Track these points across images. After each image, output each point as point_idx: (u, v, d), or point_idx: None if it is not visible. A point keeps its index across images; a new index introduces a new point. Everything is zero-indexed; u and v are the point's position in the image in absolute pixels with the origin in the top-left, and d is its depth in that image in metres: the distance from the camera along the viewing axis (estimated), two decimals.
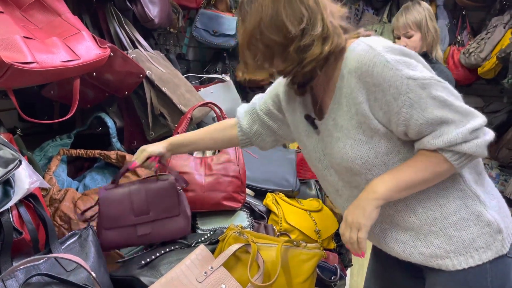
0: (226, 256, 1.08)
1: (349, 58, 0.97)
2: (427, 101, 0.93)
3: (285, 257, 1.15)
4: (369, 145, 1.00)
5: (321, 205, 1.96)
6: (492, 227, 1.01)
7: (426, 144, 0.96)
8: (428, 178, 0.98)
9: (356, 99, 0.97)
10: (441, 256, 1.02)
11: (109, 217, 1.27)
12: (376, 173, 1.02)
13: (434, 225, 1.02)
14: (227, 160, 1.62)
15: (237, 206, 1.59)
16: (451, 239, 1.01)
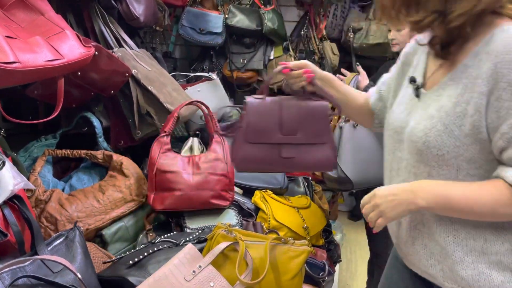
0: (214, 254, 1.08)
1: (496, 38, 0.84)
2: None
3: (273, 254, 1.15)
4: (457, 142, 0.89)
5: (309, 202, 1.97)
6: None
7: (506, 176, 0.85)
8: (485, 214, 0.89)
9: (478, 86, 0.85)
10: (464, 285, 0.96)
11: (255, 130, 1.13)
12: (443, 174, 0.92)
13: (469, 255, 0.95)
14: (215, 159, 1.61)
15: (225, 204, 1.59)
16: (479, 275, 0.93)
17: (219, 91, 2.08)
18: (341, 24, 3.26)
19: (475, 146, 0.88)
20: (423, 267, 1.03)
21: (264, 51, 2.57)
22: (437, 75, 0.96)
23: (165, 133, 1.59)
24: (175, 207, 1.54)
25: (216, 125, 1.67)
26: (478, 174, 0.91)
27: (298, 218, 1.80)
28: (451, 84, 0.91)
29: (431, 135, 0.91)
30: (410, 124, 0.98)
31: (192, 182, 1.55)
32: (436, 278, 1.01)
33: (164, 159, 1.56)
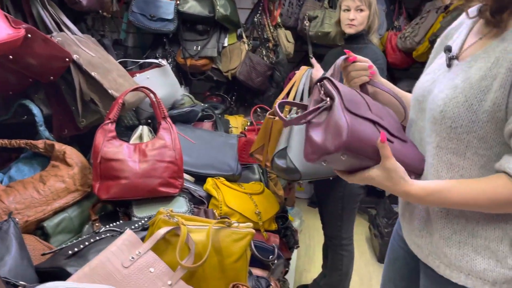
0: (154, 240, 1.06)
1: None
2: None
3: (216, 238, 1.14)
4: (473, 116, 0.86)
5: (262, 188, 1.97)
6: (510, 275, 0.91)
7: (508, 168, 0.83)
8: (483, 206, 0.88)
9: (509, 62, 0.82)
10: (445, 263, 0.97)
11: (351, 100, 0.91)
12: (450, 148, 0.91)
13: (458, 234, 0.95)
14: (163, 146, 1.58)
15: (174, 192, 1.56)
16: (463, 256, 0.94)
17: (169, 77, 2.03)
18: (297, 12, 3.27)
19: (490, 125, 0.86)
20: (414, 237, 1.05)
21: (218, 38, 2.54)
22: (473, 48, 0.93)
23: (109, 120, 1.54)
24: (121, 196, 1.50)
25: (163, 111, 1.63)
26: (487, 155, 0.88)
27: (250, 204, 1.80)
28: (484, 56, 0.88)
29: (449, 105, 0.89)
30: (434, 92, 0.96)
31: (138, 170, 1.51)
32: (423, 250, 1.02)
33: (108, 147, 1.51)
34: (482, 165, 0.90)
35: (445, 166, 0.94)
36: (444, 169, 0.95)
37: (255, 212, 1.77)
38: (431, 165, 0.98)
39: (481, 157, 0.89)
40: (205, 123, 2.12)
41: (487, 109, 0.85)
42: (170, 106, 2.08)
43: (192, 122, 2.08)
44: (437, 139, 0.94)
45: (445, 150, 0.93)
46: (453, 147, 0.91)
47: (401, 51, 3.27)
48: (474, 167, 0.91)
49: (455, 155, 0.92)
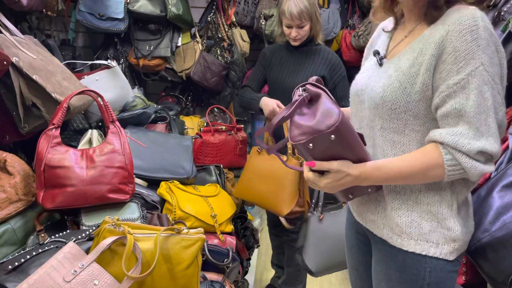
0: (98, 251, 1.02)
1: (452, 12, 0.97)
2: (477, 95, 0.93)
3: (165, 245, 1.12)
4: (408, 98, 1.01)
5: (218, 189, 1.96)
6: (451, 233, 1.04)
7: (436, 135, 0.97)
8: (420, 180, 1.01)
9: (431, 49, 0.98)
10: (397, 233, 1.07)
11: None
12: (392, 127, 1.05)
13: (405, 204, 1.07)
14: (112, 151, 1.53)
15: (125, 198, 1.52)
16: (411, 222, 1.06)
17: (119, 79, 1.97)
18: (253, 11, 3.25)
19: (422, 103, 1.01)
20: (370, 215, 1.16)
21: (171, 38, 2.49)
22: (398, 48, 1.11)
23: (53, 126, 1.47)
24: (68, 205, 1.44)
25: (111, 115, 1.58)
26: (421, 130, 1.03)
27: (205, 206, 1.78)
28: (409, 51, 1.04)
29: (388, 91, 1.04)
30: (370, 85, 1.11)
31: (85, 176, 1.46)
32: (378, 225, 1.13)
33: (53, 153, 1.45)
34: (419, 140, 1.05)
35: (389, 145, 1.08)
36: (389, 147, 1.08)
37: (211, 215, 1.75)
38: (378, 146, 1.11)
39: (417, 133, 1.04)
40: (159, 125, 2.07)
41: (418, 90, 1.00)
42: (121, 108, 2.02)
43: (145, 124, 2.03)
44: (380, 121, 1.08)
45: (388, 130, 1.07)
46: (394, 126, 1.06)
47: (356, 49, 3.33)
48: (412, 142, 1.05)
49: (396, 134, 1.06)
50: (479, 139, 0.94)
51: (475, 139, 0.94)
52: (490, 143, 0.94)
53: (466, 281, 1.46)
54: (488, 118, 0.94)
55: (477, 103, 0.93)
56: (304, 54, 2.20)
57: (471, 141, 0.94)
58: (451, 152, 0.96)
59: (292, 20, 2.08)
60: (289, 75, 2.23)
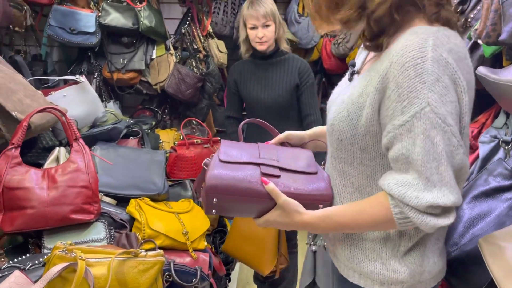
0: (46, 280, 0.97)
1: (403, 39, 0.84)
2: (424, 141, 0.80)
3: (121, 270, 1.07)
4: (354, 130, 0.92)
5: (191, 205, 1.91)
6: (397, 275, 0.94)
7: (385, 185, 0.87)
8: (365, 227, 0.92)
9: (375, 82, 0.86)
10: (343, 263, 1.02)
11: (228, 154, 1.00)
12: (342, 157, 0.96)
13: (350, 238, 1.00)
14: (75, 170, 1.48)
15: (89, 218, 1.46)
16: (353, 258, 0.99)
17: (88, 94, 1.93)
18: (232, 20, 3.23)
19: (368, 137, 0.91)
20: (328, 240, 1.09)
21: (145, 50, 2.45)
22: (367, 65, 0.98)
23: (13, 145, 1.42)
24: (28, 227, 1.39)
25: (75, 132, 1.54)
26: (371, 165, 0.93)
27: (177, 223, 1.73)
28: (366, 75, 0.92)
29: (336, 119, 0.95)
30: (332, 108, 1.02)
31: (46, 197, 1.40)
32: (331, 253, 1.08)
33: (12, 174, 1.39)
34: (369, 175, 0.95)
35: (338, 174, 1.00)
36: (338, 177, 1.01)
37: (182, 232, 1.70)
38: (330, 174, 1.04)
39: (367, 167, 0.94)
40: (131, 140, 2.03)
41: (363, 124, 0.90)
42: (90, 124, 1.97)
43: (116, 140, 1.99)
44: (331, 149, 1.02)
45: (338, 159, 1.00)
46: (343, 156, 0.98)
47: (336, 57, 3.32)
48: (361, 176, 0.96)
49: (345, 164, 0.98)
50: (431, 190, 0.81)
51: (426, 190, 0.82)
52: (444, 194, 0.81)
53: None
54: (440, 166, 0.81)
55: (425, 150, 0.81)
56: (273, 65, 2.19)
57: (419, 194, 0.82)
58: (399, 205, 0.85)
59: (257, 19, 2.08)
60: (263, 90, 2.23)
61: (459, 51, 0.84)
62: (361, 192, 0.97)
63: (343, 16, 0.88)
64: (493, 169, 1.23)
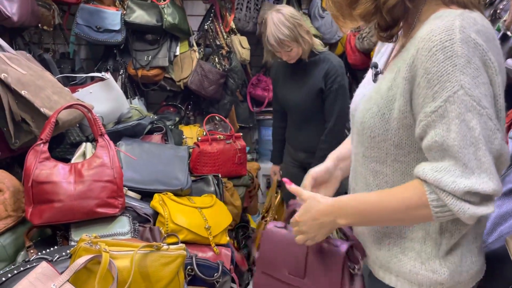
0: (71, 271, 1.00)
1: (428, 24, 0.82)
2: (460, 125, 0.77)
3: (143, 263, 1.09)
4: (387, 125, 0.89)
5: (214, 200, 1.92)
6: (436, 276, 0.91)
7: (420, 171, 0.83)
8: (402, 219, 0.89)
9: (403, 71, 0.84)
10: (379, 265, 1.00)
11: (265, 260, 1.11)
12: (374, 156, 0.94)
13: (388, 236, 0.97)
14: (101, 165, 1.52)
15: (114, 212, 1.50)
16: (392, 257, 0.96)
17: (113, 91, 1.97)
18: (255, 16, 3.22)
19: (402, 132, 0.88)
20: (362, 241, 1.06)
21: (169, 47, 2.48)
22: (391, 62, 0.95)
23: (41, 141, 1.47)
24: (56, 220, 1.43)
25: (100, 128, 1.57)
26: (406, 161, 0.90)
27: (199, 218, 1.75)
28: (393, 68, 0.90)
29: (367, 116, 0.93)
30: (359, 106, 0.99)
31: (73, 191, 1.44)
32: (367, 254, 1.04)
33: (41, 169, 1.44)
34: (403, 172, 0.92)
35: (371, 174, 0.98)
36: (371, 177, 0.98)
37: (205, 227, 1.72)
38: (360, 174, 1.01)
39: (401, 164, 0.91)
40: (155, 136, 2.06)
41: (396, 117, 0.88)
42: (116, 120, 2.01)
43: (140, 135, 2.02)
44: (362, 149, 0.98)
45: (370, 158, 0.96)
46: (375, 155, 0.94)
47: (360, 52, 3.26)
48: (396, 173, 0.93)
49: (378, 163, 0.95)
50: (469, 177, 0.78)
51: (464, 176, 0.78)
52: (484, 181, 0.77)
53: None
54: (478, 151, 0.78)
55: (461, 135, 0.77)
56: (304, 67, 2.17)
57: (457, 179, 0.78)
58: (435, 191, 0.81)
59: (276, 49, 2.05)
60: (290, 92, 2.25)
61: (487, 32, 0.81)
62: None
63: (362, 10, 0.87)
64: None
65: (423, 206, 0.83)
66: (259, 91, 3.38)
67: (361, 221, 0.94)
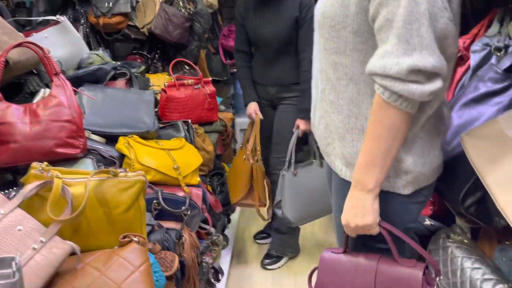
0: (21, 196, 0.96)
1: None
2: (409, 0, 0.79)
3: (100, 189, 1.06)
4: (346, 11, 0.90)
5: (183, 143, 1.89)
6: (400, 164, 0.95)
7: (369, 66, 0.86)
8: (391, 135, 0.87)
9: None
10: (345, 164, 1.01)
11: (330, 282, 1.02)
12: (334, 47, 0.95)
13: (350, 133, 0.98)
14: (57, 104, 1.45)
15: (75, 152, 1.45)
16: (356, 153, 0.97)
17: (71, 35, 1.87)
18: None
19: (360, 16, 0.89)
20: (323, 146, 1.09)
21: None
22: None
23: None
24: (13, 162, 1.38)
25: (54, 67, 1.50)
26: (364, 49, 0.92)
27: (167, 159, 1.72)
28: None
29: (327, 6, 0.95)
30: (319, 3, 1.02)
31: (29, 132, 1.39)
32: (330, 157, 1.06)
33: None
34: (362, 61, 0.93)
35: (331, 67, 0.98)
36: (331, 70, 0.99)
37: (173, 167, 1.69)
38: (321, 70, 1.03)
39: (360, 53, 0.93)
40: (118, 82, 1.99)
41: (354, 1, 0.89)
42: (75, 66, 1.93)
43: (103, 82, 1.94)
44: (322, 41, 1.00)
45: (329, 50, 0.98)
46: (335, 46, 0.96)
47: None
48: (355, 63, 0.94)
49: (337, 54, 0.96)
50: (411, 55, 0.80)
51: (406, 54, 0.80)
52: (424, 57, 0.80)
53: (434, 212, 1.41)
54: (421, 27, 0.80)
55: (408, 10, 0.79)
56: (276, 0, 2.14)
57: (399, 59, 0.81)
58: (382, 85, 0.84)
59: None
60: (264, 25, 2.22)
61: None
62: (356, 82, 0.95)
63: None
64: (483, 75, 1.18)
65: (385, 108, 0.86)
66: (231, 42, 3.30)
67: (375, 167, 0.91)
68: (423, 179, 0.98)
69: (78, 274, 0.95)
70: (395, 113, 0.86)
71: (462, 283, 1.03)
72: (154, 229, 1.32)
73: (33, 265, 0.89)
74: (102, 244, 1.06)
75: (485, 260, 1.06)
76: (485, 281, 0.98)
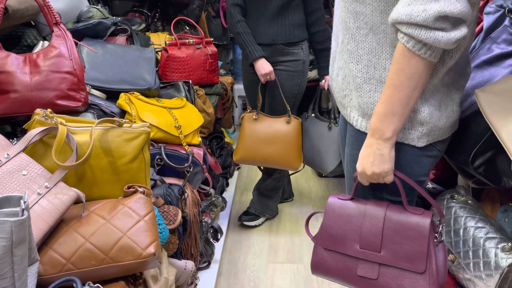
0: (25, 141, 0.94)
1: None
2: None
3: (105, 138, 1.04)
4: None
5: (184, 102, 1.87)
6: (417, 115, 0.94)
7: (393, 14, 0.84)
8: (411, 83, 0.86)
9: None
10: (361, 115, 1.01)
11: (330, 235, 1.03)
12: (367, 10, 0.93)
13: (368, 83, 0.98)
14: (58, 55, 1.41)
15: (76, 105, 1.42)
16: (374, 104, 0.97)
17: None
18: None
19: None
20: (340, 99, 1.08)
21: None
22: None
23: None
24: (13, 112, 1.35)
25: (55, 16, 1.45)
26: None
27: (169, 117, 1.70)
28: None
29: None
30: None
31: (30, 82, 1.35)
32: (346, 109, 1.06)
33: None
34: (382, 10, 0.92)
35: (351, 16, 0.97)
36: (351, 19, 0.98)
37: (175, 126, 1.67)
38: (341, 19, 1.02)
39: (380, 1, 0.91)
40: (119, 38, 1.94)
41: None
42: (75, 20, 1.87)
43: (103, 37, 1.89)
44: (341, 4, 0.99)
45: (349, 10, 0.97)
46: (355, 5, 0.95)
47: None
48: (375, 12, 0.93)
49: (358, 3, 0.95)
50: (437, 0, 0.79)
51: (432, 1, 0.79)
52: (451, 1, 0.79)
53: (437, 175, 1.42)
54: None
55: None
56: None
57: (426, 6, 0.79)
58: (408, 33, 0.83)
59: None
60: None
61: None
62: (375, 31, 0.94)
63: None
64: (497, 36, 1.16)
65: (408, 56, 0.85)
66: None
67: (393, 116, 0.91)
68: (438, 132, 0.98)
69: (83, 221, 0.94)
70: (417, 62, 0.85)
71: (465, 241, 1.04)
72: (157, 184, 1.31)
73: (38, 210, 0.87)
74: (106, 194, 1.05)
75: (489, 219, 1.07)
76: (488, 239, 0.99)
